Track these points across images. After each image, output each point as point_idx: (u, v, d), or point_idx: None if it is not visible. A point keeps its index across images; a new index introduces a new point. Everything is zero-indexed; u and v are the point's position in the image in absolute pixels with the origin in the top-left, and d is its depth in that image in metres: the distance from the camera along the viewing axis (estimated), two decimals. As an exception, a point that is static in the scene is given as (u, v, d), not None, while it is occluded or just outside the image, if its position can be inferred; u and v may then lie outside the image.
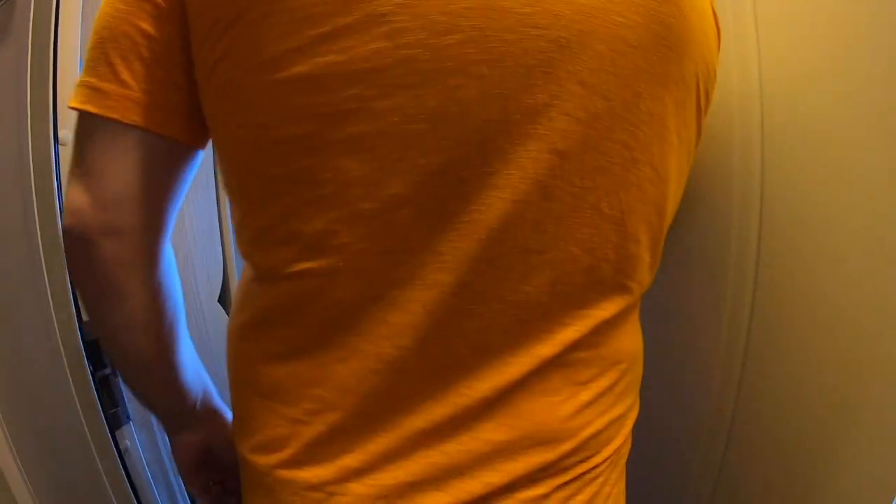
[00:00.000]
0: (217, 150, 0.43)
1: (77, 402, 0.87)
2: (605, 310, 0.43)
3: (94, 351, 0.87)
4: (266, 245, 0.41)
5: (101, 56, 0.40)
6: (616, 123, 0.38)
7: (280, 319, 0.42)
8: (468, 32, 0.34)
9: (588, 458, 0.44)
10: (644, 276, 0.46)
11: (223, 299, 1.24)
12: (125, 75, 0.40)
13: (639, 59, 0.38)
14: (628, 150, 0.39)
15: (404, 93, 0.35)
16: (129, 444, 0.92)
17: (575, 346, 0.42)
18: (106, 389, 0.90)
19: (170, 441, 0.60)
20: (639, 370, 0.50)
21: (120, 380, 0.96)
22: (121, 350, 0.50)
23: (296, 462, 0.41)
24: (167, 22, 0.39)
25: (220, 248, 1.21)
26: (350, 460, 0.40)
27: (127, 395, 1.03)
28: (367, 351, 0.39)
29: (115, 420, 0.91)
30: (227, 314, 1.24)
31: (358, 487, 0.39)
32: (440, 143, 0.36)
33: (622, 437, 0.47)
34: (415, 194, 0.37)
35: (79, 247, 0.43)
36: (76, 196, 0.41)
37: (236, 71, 0.37)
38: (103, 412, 0.89)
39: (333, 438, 0.40)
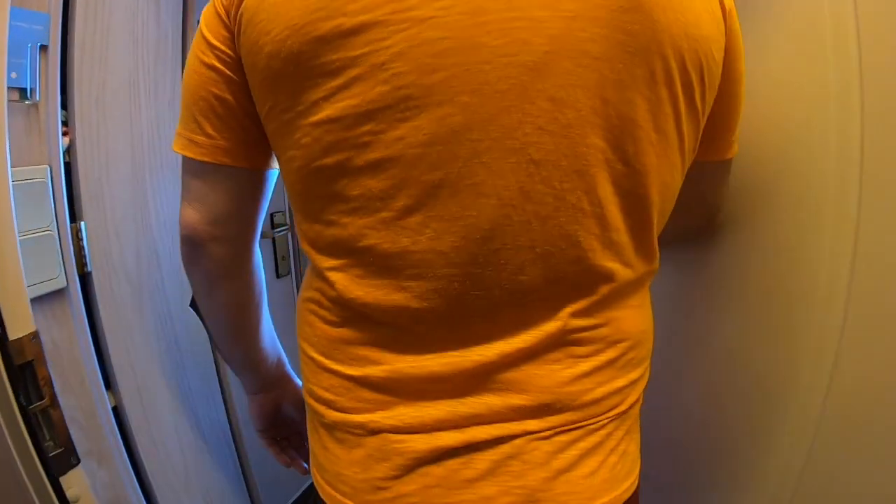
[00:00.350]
0: (280, 173, 0.54)
1: (10, 442, 0.67)
2: (598, 293, 0.50)
3: (28, 378, 0.67)
4: (318, 247, 0.51)
5: (189, 115, 0.52)
6: (587, 130, 0.44)
7: (330, 300, 0.52)
8: (451, 69, 0.41)
9: (594, 417, 0.51)
10: (632, 259, 0.51)
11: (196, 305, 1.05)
12: (208, 129, 0.51)
13: (604, 68, 0.42)
14: (601, 152, 0.45)
15: (405, 124, 0.43)
16: (78, 491, 0.73)
17: (573, 325, 0.49)
18: (47, 426, 0.71)
19: (248, 400, 0.74)
20: (644, 349, 0.56)
21: (65, 412, 0.77)
22: (218, 323, 0.65)
23: (345, 407, 0.52)
24: (233, 85, 0.50)
25: (191, 244, 1.01)
26: (386, 405, 0.51)
27: (77, 429, 0.84)
28: (396, 324, 0.49)
29: (61, 463, 0.72)
30: (203, 322, 1.05)
31: (389, 420, 0.50)
32: (436, 162, 0.43)
33: (626, 405, 0.54)
34: (419, 204, 0.45)
35: (192, 249, 0.57)
36: (189, 214, 0.55)
37: (283, 117, 0.47)
38: (45, 455, 0.70)
39: (374, 388, 0.51)
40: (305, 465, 0.77)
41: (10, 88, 0.74)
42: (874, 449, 0.57)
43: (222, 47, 0.49)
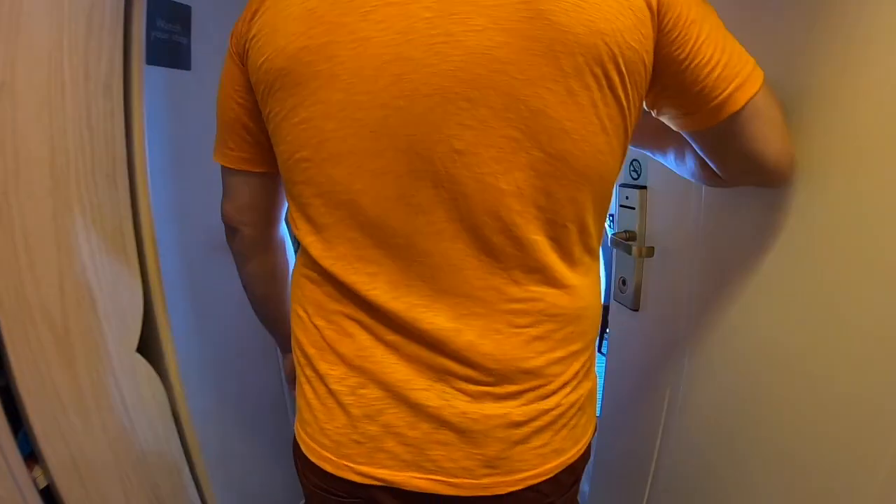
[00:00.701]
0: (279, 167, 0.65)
1: None
2: (529, 265, 0.58)
3: None
4: (299, 224, 0.63)
5: (220, 134, 0.69)
6: (501, 123, 0.53)
7: (313, 264, 0.62)
8: (389, 78, 0.53)
9: (540, 386, 0.60)
10: (560, 235, 0.59)
11: (147, 349, 0.82)
12: (232, 144, 0.68)
13: (513, 71, 0.51)
14: (515, 141, 0.53)
15: (356, 124, 0.54)
16: None
17: (507, 293, 0.58)
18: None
19: (283, 359, 0.90)
20: (585, 324, 0.64)
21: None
22: (252, 289, 0.81)
23: (326, 359, 0.62)
24: (248, 110, 0.65)
25: (136, 272, 0.79)
26: (357, 359, 0.61)
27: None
28: (358, 286, 0.59)
29: None
30: (154, 369, 0.83)
31: (365, 377, 0.61)
32: (381, 154, 0.55)
33: (569, 375, 0.63)
34: (370, 188, 0.56)
35: (229, 232, 0.76)
36: (225, 206, 0.74)
37: (275, 120, 0.60)
38: None
39: (350, 341, 0.61)
40: None
41: None
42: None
43: (238, 73, 0.63)
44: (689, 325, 0.98)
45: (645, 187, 1.02)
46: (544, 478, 0.62)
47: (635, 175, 1.04)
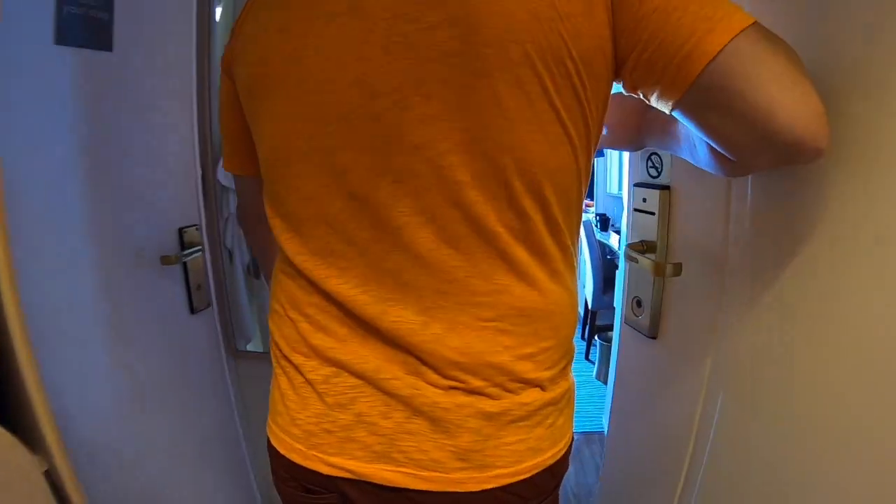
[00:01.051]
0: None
1: None
2: (491, 256, 0.58)
3: None
4: (275, 223, 0.67)
5: (223, 144, 0.79)
6: (453, 114, 0.54)
7: (287, 261, 0.66)
8: (349, 79, 0.56)
9: (509, 381, 0.60)
10: (526, 228, 0.59)
11: (9, 414, 0.63)
12: (230, 149, 0.78)
13: (463, 63, 0.53)
14: (468, 132, 0.55)
15: (322, 122, 0.58)
16: None
17: (472, 286, 0.58)
18: None
19: None
20: (554, 321, 0.63)
21: None
22: (260, 259, 0.97)
23: (300, 351, 0.65)
24: (243, 118, 0.69)
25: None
26: (330, 350, 0.63)
27: None
28: (329, 280, 0.62)
29: None
30: (20, 439, 0.64)
31: (334, 368, 0.63)
32: (345, 151, 0.58)
33: (542, 371, 0.62)
34: (334, 183, 0.59)
35: (243, 226, 0.94)
36: (238, 208, 0.92)
37: (256, 123, 0.66)
38: None
39: (323, 333, 0.63)
40: None
41: None
42: None
43: (230, 88, 0.71)
44: (721, 358, 0.80)
45: (668, 187, 0.82)
46: (520, 477, 0.61)
47: (655, 172, 0.84)
